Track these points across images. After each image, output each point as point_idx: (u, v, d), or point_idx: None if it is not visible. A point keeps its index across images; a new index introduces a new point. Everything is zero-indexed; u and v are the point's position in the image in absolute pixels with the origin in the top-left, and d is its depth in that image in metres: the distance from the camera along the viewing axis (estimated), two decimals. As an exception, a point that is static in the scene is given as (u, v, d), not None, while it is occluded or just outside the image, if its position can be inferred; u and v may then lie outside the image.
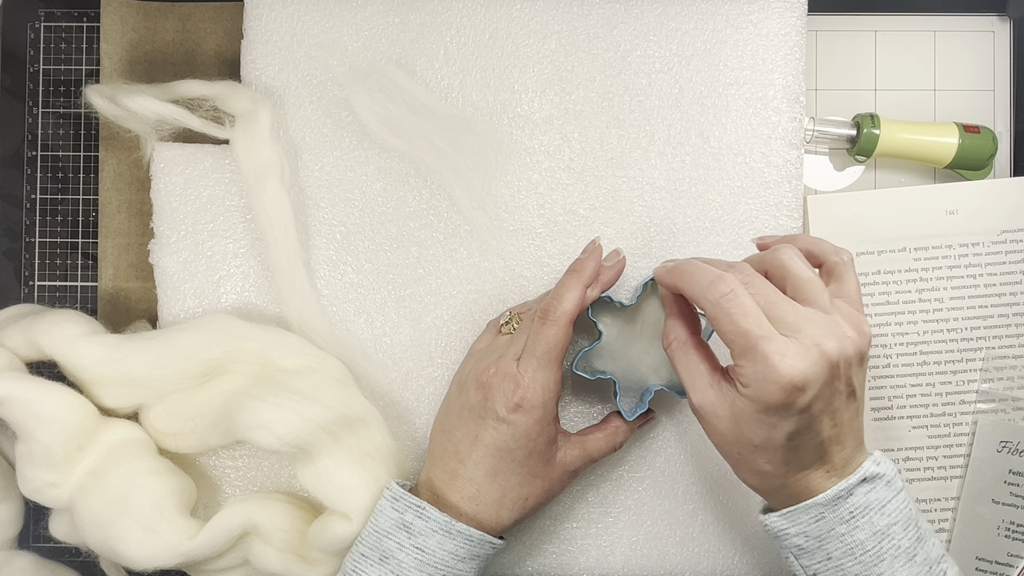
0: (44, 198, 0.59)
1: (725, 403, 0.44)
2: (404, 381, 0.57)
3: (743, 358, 0.42)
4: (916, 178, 0.60)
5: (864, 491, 0.43)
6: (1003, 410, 0.57)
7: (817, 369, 0.41)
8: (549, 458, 0.50)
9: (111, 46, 0.58)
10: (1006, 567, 0.56)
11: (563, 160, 0.57)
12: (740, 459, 0.45)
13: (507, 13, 0.57)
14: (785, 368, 0.40)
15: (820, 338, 0.41)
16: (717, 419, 0.44)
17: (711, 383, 0.45)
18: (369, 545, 0.48)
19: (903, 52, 0.60)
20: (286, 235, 0.55)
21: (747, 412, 0.42)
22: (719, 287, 0.42)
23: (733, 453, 0.45)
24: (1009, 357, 0.57)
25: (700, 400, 0.45)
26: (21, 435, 0.50)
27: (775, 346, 0.41)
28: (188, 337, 0.53)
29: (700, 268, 0.44)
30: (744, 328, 0.41)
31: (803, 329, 0.41)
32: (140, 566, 0.50)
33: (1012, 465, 0.56)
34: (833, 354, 0.41)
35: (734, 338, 0.42)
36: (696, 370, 0.46)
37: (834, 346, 0.41)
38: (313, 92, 0.57)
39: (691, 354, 0.46)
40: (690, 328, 0.48)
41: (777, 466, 0.44)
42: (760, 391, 0.41)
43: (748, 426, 0.43)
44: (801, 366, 0.40)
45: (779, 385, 0.41)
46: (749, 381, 0.42)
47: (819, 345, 0.41)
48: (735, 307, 0.42)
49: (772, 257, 0.45)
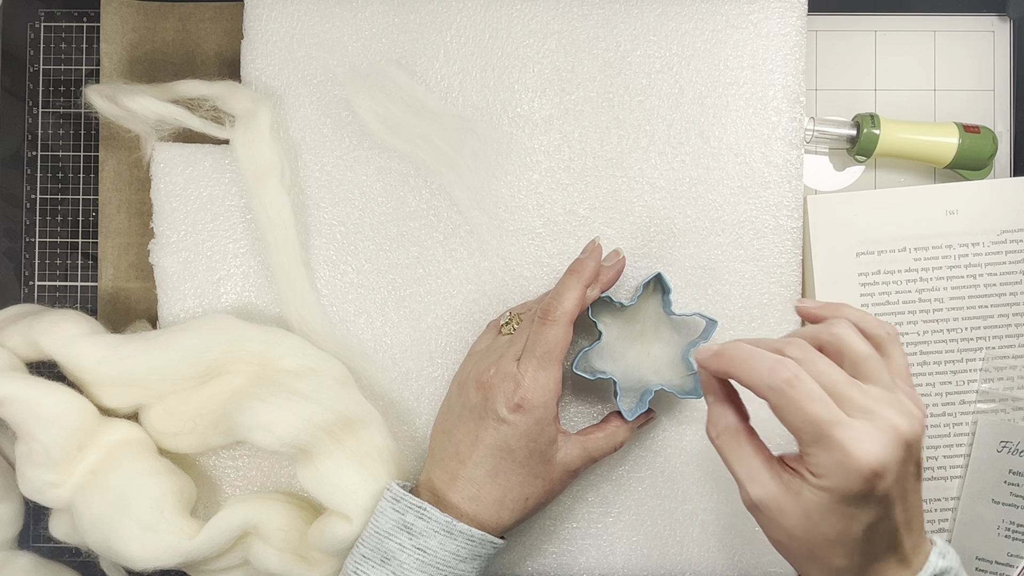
0: (44, 198, 0.59)
1: (791, 496, 0.40)
2: (404, 381, 0.57)
3: (814, 446, 0.39)
4: (916, 178, 0.60)
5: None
6: (1003, 410, 0.57)
7: (895, 451, 0.38)
8: (550, 458, 0.50)
9: (111, 46, 0.58)
10: (1006, 567, 0.56)
11: (563, 160, 0.57)
12: (810, 556, 0.41)
13: (507, 13, 0.57)
14: (863, 454, 0.38)
15: (893, 419, 0.39)
16: (783, 515, 0.40)
17: (771, 475, 0.41)
18: (370, 546, 0.48)
19: (903, 52, 0.60)
20: (286, 235, 0.55)
21: (822, 504, 0.39)
22: (781, 373, 0.39)
23: (802, 550, 0.41)
24: (1009, 357, 0.57)
25: (762, 494, 0.41)
26: (21, 435, 0.50)
27: (851, 432, 0.38)
28: (188, 337, 0.53)
29: (755, 353, 0.41)
30: (813, 415, 0.38)
31: (875, 411, 0.39)
32: (140, 566, 0.50)
33: (1012, 465, 0.56)
34: (908, 434, 0.39)
35: (803, 426, 0.39)
36: (751, 461, 0.42)
37: (907, 426, 0.39)
38: (313, 92, 0.57)
39: (744, 444, 0.42)
40: (739, 415, 0.43)
41: (853, 559, 0.40)
42: (838, 481, 0.38)
43: (823, 519, 0.40)
44: (879, 450, 0.38)
45: (859, 473, 0.38)
46: (824, 471, 0.39)
47: (894, 427, 0.39)
48: (801, 393, 0.39)
49: (826, 332, 0.42)
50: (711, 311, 0.56)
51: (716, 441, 0.43)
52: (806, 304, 0.46)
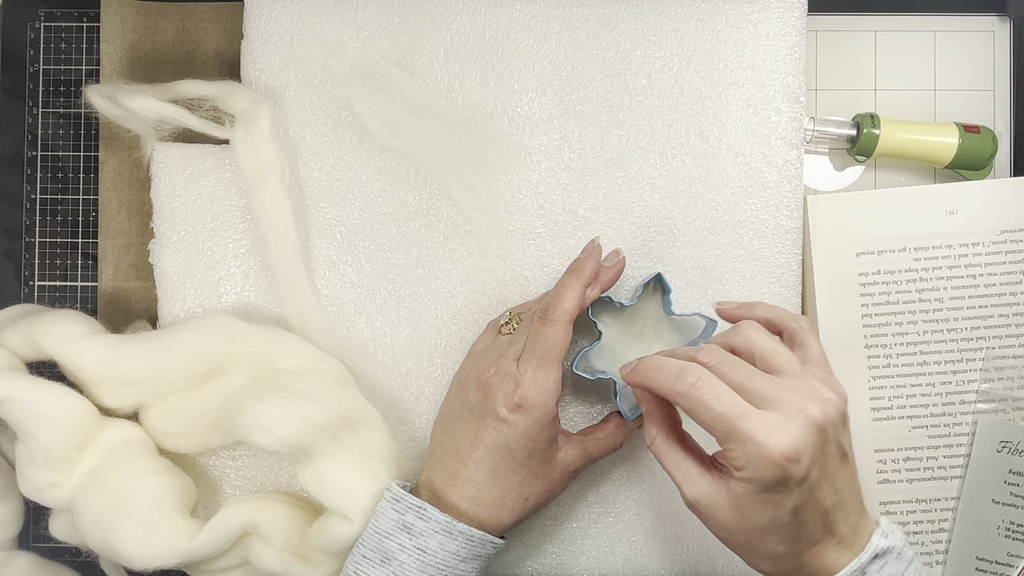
0: (44, 198, 0.59)
1: (722, 491, 0.43)
2: (404, 381, 0.57)
3: (728, 442, 0.41)
4: (916, 178, 0.60)
5: (876, 568, 0.42)
6: (1003, 410, 0.57)
7: (806, 435, 0.40)
8: (549, 458, 0.50)
9: (111, 46, 0.58)
10: (1006, 567, 0.56)
11: (563, 160, 0.57)
12: (749, 546, 0.44)
13: (507, 13, 0.57)
14: (774, 443, 0.40)
15: (802, 405, 0.41)
16: (717, 509, 0.43)
17: (701, 473, 0.44)
18: (370, 547, 0.48)
19: (903, 52, 0.60)
20: (286, 235, 0.55)
21: (747, 495, 0.41)
22: (686, 378, 0.42)
23: (740, 542, 0.44)
24: (1009, 357, 0.57)
25: (695, 493, 0.44)
26: (21, 435, 0.50)
27: (757, 423, 0.40)
28: (188, 337, 0.53)
29: (662, 363, 0.44)
30: (720, 412, 0.41)
31: (783, 399, 0.41)
32: (140, 566, 0.50)
33: (1012, 465, 0.56)
34: (819, 418, 0.41)
35: (713, 424, 0.41)
36: (683, 463, 0.45)
37: (817, 410, 0.41)
38: (313, 92, 0.57)
39: (675, 448, 0.45)
40: (670, 422, 0.47)
41: (788, 545, 0.43)
42: (755, 471, 0.40)
43: (751, 509, 0.42)
44: (789, 437, 0.40)
45: (772, 461, 0.40)
46: (742, 463, 0.41)
47: (803, 412, 0.41)
48: (706, 394, 0.41)
49: (734, 335, 0.45)
50: (711, 311, 0.56)
51: (652, 448, 0.46)
52: (724, 305, 0.50)
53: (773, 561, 0.44)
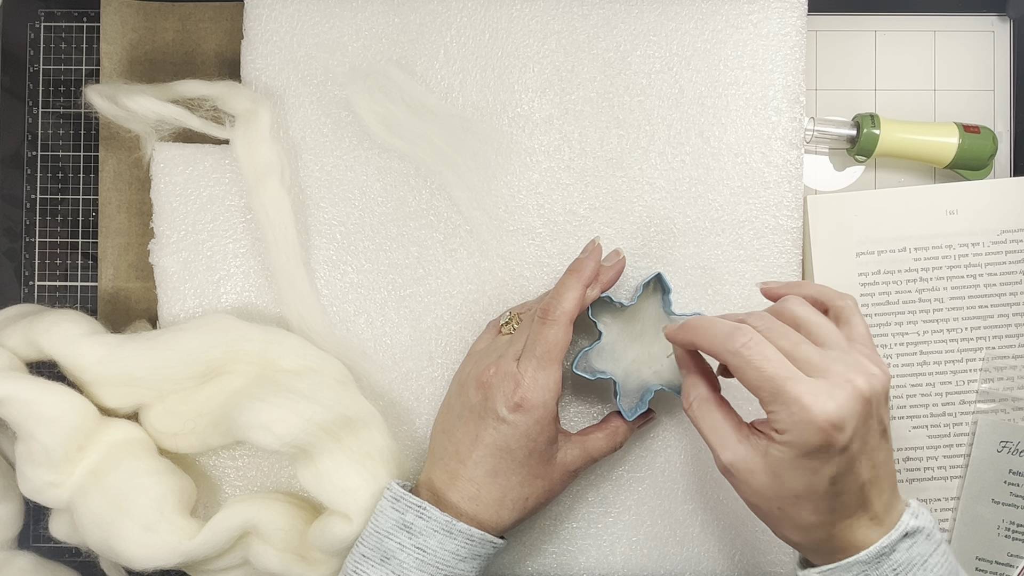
0: (44, 198, 0.59)
1: (758, 456, 0.43)
2: (404, 381, 0.57)
3: (774, 403, 0.41)
4: (916, 178, 0.60)
5: (906, 547, 0.42)
6: (1003, 410, 0.57)
7: (852, 405, 0.40)
8: (549, 458, 0.50)
9: (111, 46, 0.58)
10: (1006, 567, 0.56)
11: (563, 160, 0.57)
12: (782, 514, 0.43)
13: (507, 13, 0.57)
14: (820, 407, 0.40)
15: (849, 375, 0.41)
16: (752, 474, 0.43)
17: (739, 438, 0.44)
18: (370, 546, 0.48)
19: (903, 52, 0.60)
20: (286, 235, 0.55)
21: (786, 460, 0.41)
22: (738, 337, 0.42)
23: (773, 509, 0.43)
24: (1009, 357, 0.57)
25: (731, 457, 0.43)
26: (21, 435, 0.50)
27: (805, 386, 0.40)
28: (188, 337, 0.53)
29: (715, 322, 0.44)
30: (769, 373, 0.41)
31: (831, 368, 0.41)
32: (140, 566, 0.50)
33: (1012, 465, 0.56)
34: (865, 390, 0.41)
35: (760, 384, 0.41)
36: (722, 427, 0.44)
37: (864, 382, 0.41)
38: (313, 92, 0.57)
39: (714, 411, 0.45)
40: (710, 385, 0.46)
41: (822, 515, 0.42)
42: (798, 435, 0.40)
43: (788, 475, 0.42)
44: (835, 403, 0.40)
45: (817, 425, 0.40)
46: (785, 426, 0.41)
47: (850, 381, 0.41)
48: (756, 354, 0.41)
49: (781, 308, 0.45)
50: (711, 311, 0.56)
51: (689, 411, 0.46)
52: (769, 284, 0.50)
53: (804, 531, 0.43)
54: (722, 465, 0.44)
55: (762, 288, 0.50)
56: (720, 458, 0.44)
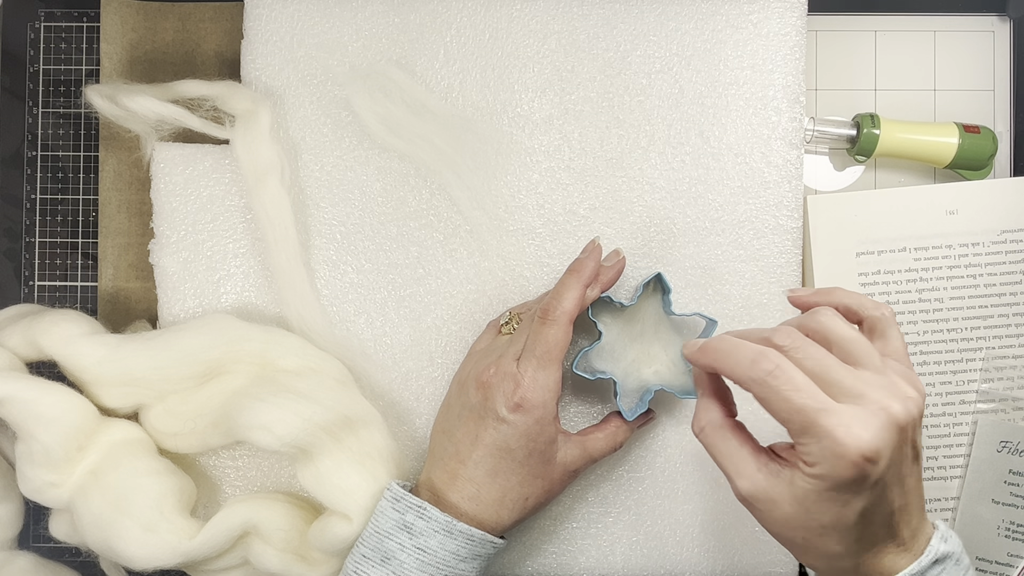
0: (44, 198, 0.59)
1: (781, 486, 0.40)
2: (404, 381, 0.57)
3: (804, 436, 0.38)
4: (916, 178, 0.60)
5: (936, 573, 0.41)
6: (1003, 410, 0.57)
7: (887, 436, 0.38)
8: (549, 458, 0.50)
9: (111, 46, 0.58)
10: (1006, 567, 0.56)
11: (563, 160, 0.57)
12: (806, 544, 0.41)
13: (507, 13, 0.57)
14: (853, 441, 0.37)
15: (885, 402, 0.38)
16: (774, 504, 0.40)
17: (758, 467, 0.41)
18: (370, 546, 0.48)
19: (903, 52, 0.60)
20: (286, 235, 0.55)
21: (814, 492, 0.39)
22: (762, 364, 0.39)
23: (797, 539, 0.41)
24: (1009, 357, 0.57)
25: (749, 488, 0.41)
26: (21, 435, 0.50)
27: (838, 418, 0.37)
28: (188, 337, 0.53)
29: (738, 345, 0.40)
30: (799, 405, 0.38)
31: (865, 394, 0.38)
32: (140, 566, 0.50)
33: (1012, 465, 0.56)
34: (901, 418, 0.38)
35: (789, 416, 0.38)
36: (738, 455, 0.41)
37: (900, 408, 0.38)
38: (313, 92, 0.57)
39: (729, 438, 0.42)
40: (725, 409, 0.43)
41: (849, 546, 0.40)
42: (829, 468, 0.38)
43: (816, 507, 0.39)
44: (870, 435, 0.37)
45: (850, 460, 0.37)
46: (816, 460, 0.38)
47: (886, 409, 0.38)
48: (784, 383, 0.38)
49: (810, 321, 0.42)
50: (711, 311, 0.56)
51: (700, 436, 0.43)
52: (798, 293, 0.46)
53: (828, 559, 0.41)
54: (740, 494, 0.42)
55: (790, 297, 0.46)
56: (738, 488, 0.41)
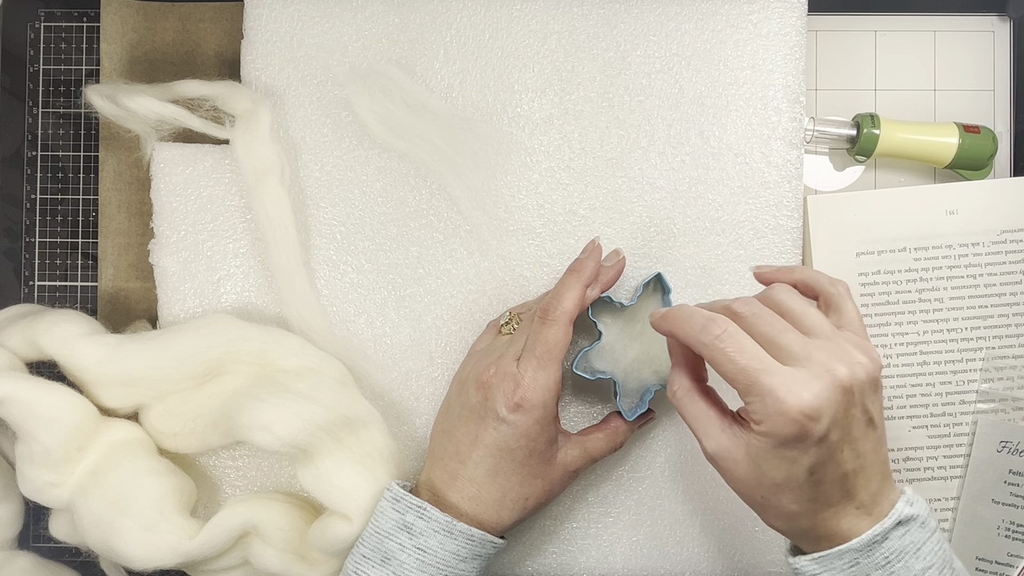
0: (44, 198, 0.59)
1: (740, 446, 0.43)
2: (404, 381, 0.57)
3: (749, 395, 0.41)
4: (916, 178, 0.60)
5: (899, 535, 0.42)
6: (1003, 410, 0.57)
7: (829, 395, 0.40)
8: (549, 458, 0.50)
9: (111, 46, 0.58)
10: (1006, 567, 0.56)
11: (563, 160, 0.57)
12: (765, 503, 0.44)
13: (507, 13, 0.57)
14: (793, 398, 0.40)
15: (830, 365, 0.41)
16: (735, 463, 0.43)
17: (722, 428, 0.44)
18: (370, 546, 0.48)
19: (903, 52, 0.60)
20: (286, 235, 0.55)
21: (764, 450, 0.41)
22: (711, 329, 0.42)
23: (756, 497, 0.44)
24: (1009, 357, 0.57)
25: (714, 447, 0.44)
26: (21, 435, 0.50)
27: (778, 378, 0.40)
28: (188, 337, 0.53)
29: (692, 313, 0.44)
30: (742, 365, 0.41)
31: (811, 357, 0.41)
32: (140, 566, 0.50)
33: (1012, 465, 0.56)
34: (845, 379, 0.40)
35: (735, 376, 0.41)
36: (705, 416, 0.45)
37: (845, 371, 0.41)
38: (313, 92, 0.57)
39: (698, 401, 0.45)
40: (694, 376, 0.46)
41: (803, 504, 0.42)
42: (772, 425, 0.40)
43: (767, 464, 0.42)
44: (810, 394, 0.40)
45: (790, 416, 0.40)
46: (761, 417, 0.41)
47: (829, 371, 0.40)
48: (731, 346, 0.41)
49: (766, 298, 0.45)
50: (711, 311, 0.56)
51: (673, 400, 0.46)
52: (762, 269, 0.50)
53: (787, 519, 0.44)
54: (707, 454, 0.45)
55: (755, 272, 0.50)
56: (705, 447, 0.45)
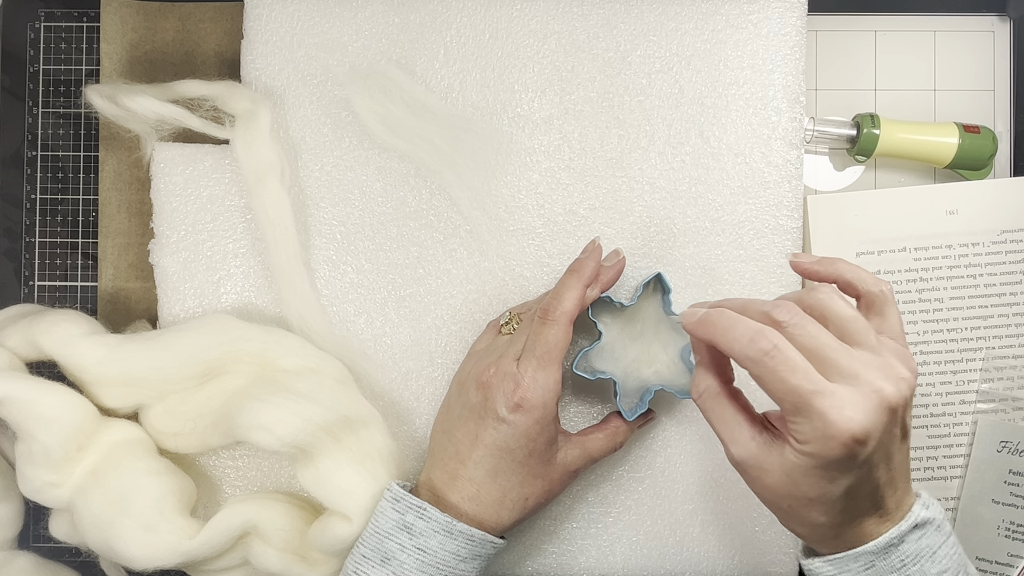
0: (44, 198, 0.59)
1: (773, 457, 0.41)
2: (404, 381, 0.57)
3: (797, 415, 0.39)
4: (916, 178, 0.60)
5: (915, 538, 0.42)
6: (1003, 410, 0.57)
7: (877, 418, 0.39)
8: (549, 458, 0.50)
9: (111, 46, 0.58)
10: (1006, 567, 0.56)
11: (563, 160, 0.57)
12: (790, 511, 0.43)
13: (507, 13, 0.57)
14: (845, 423, 0.38)
15: (878, 384, 0.39)
16: (764, 473, 0.42)
17: (752, 435, 0.42)
18: (370, 546, 0.48)
19: (903, 52, 0.60)
20: (286, 235, 0.55)
21: (802, 468, 0.40)
22: (760, 344, 0.39)
23: (783, 505, 0.43)
24: (1009, 357, 0.57)
25: (743, 454, 0.42)
26: (21, 435, 0.50)
27: (831, 400, 0.38)
28: (188, 337, 0.53)
29: (737, 321, 0.41)
30: (793, 385, 0.39)
31: (860, 375, 0.39)
32: (140, 566, 0.50)
33: (1012, 465, 0.56)
34: (893, 399, 0.39)
35: (784, 396, 0.39)
36: (733, 422, 0.43)
37: (893, 391, 0.39)
38: (313, 92, 0.57)
39: (726, 405, 0.43)
40: (722, 377, 0.44)
41: (832, 517, 0.42)
42: (819, 447, 0.39)
43: (803, 481, 0.40)
44: (861, 417, 0.38)
45: (840, 441, 0.38)
46: (807, 439, 0.39)
47: (878, 392, 0.39)
48: (781, 364, 0.39)
49: (809, 297, 0.42)
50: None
51: (698, 402, 0.45)
52: (801, 259, 0.47)
53: (810, 527, 0.43)
54: (733, 459, 0.43)
55: (792, 263, 0.47)
56: (731, 452, 0.43)
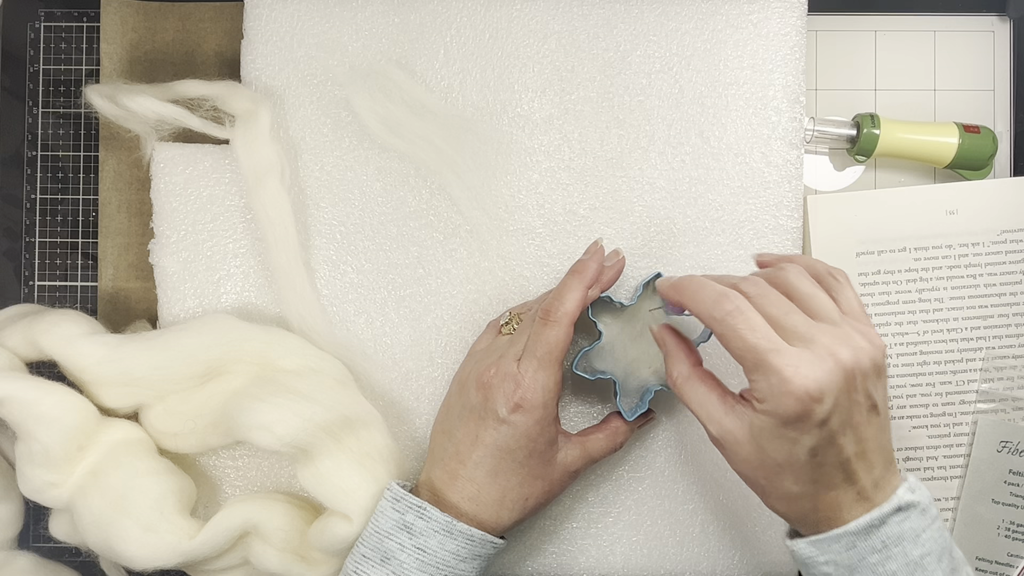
0: (44, 198, 0.59)
1: (743, 426, 0.43)
2: (404, 381, 0.57)
3: (755, 373, 0.42)
4: (916, 178, 0.60)
5: (898, 520, 0.42)
6: (1003, 410, 0.57)
7: (832, 378, 0.40)
8: (549, 458, 0.50)
9: (111, 46, 0.58)
10: (1006, 567, 0.56)
11: (563, 160, 0.57)
12: (767, 484, 0.44)
13: (507, 13, 0.57)
14: (799, 379, 0.40)
15: (833, 347, 0.41)
16: (738, 444, 0.44)
17: (725, 410, 0.44)
18: (370, 546, 0.48)
19: (903, 52, 0.60)
20: (286, 235, 0.55)
21: (766, 429, 0.42)
22: (724, 304, 0.42)
23: (759, 479, 0.44)
24: (1009, 357, 0.57)
25: (718, 429, 0.44)
26: (21, 435, 0.50)
27: (786, 358, 0.40)
28: (188, 337, 0.53)
29: (704, 284, 0.44)
30: (752, 343, 0.41)
31: (816, 339, 0.41)
32: (140, 566, 0.50)
33: (1012, 465, 0.56)
34: (847, 363, 0.41)
35: (743, 354, 0.42)
36: (707, 400, 0.45)
37: (848, 355, 0.41)
38: (313, 92, 0.57)
39: (698, 386, 0.46)
40: (691, 360, 0.47)
41: (804, 485, 0.43)
42: (776, 404, 0.41)
43: (769, 444, 0.42)
44: (815, 375, 0.40)
45: (794, 396, 0.40)
46: (764, 396, 0.41)
47: (833, 354, 0.41)
48: (742, 323, 0.42)
49: (776, 275, 0.45)
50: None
51: (674, 386, 0.47)
52: (765, 256, 0.50)
53: (788, 501, 0.44)
54: (712, 438, 0.45)
55: (757, 259, 0.50)
56: (710, 431, 0.45)
